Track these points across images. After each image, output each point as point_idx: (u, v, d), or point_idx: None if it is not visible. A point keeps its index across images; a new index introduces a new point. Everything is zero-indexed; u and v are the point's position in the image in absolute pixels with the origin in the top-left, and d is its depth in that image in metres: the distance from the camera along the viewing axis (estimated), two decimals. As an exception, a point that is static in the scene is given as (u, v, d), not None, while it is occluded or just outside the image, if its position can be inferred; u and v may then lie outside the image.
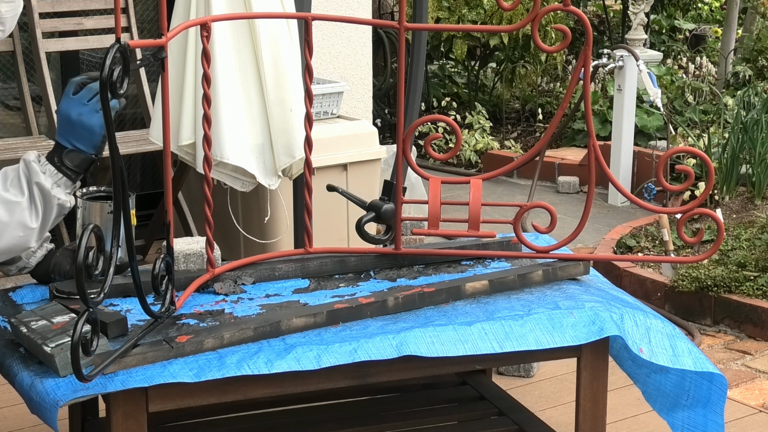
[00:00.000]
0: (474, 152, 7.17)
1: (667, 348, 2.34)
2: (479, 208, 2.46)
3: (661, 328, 2.37)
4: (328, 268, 2.56)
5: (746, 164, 5.55)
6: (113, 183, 1.92)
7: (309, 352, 2.12)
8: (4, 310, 2.38)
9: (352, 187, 4.03)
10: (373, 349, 2.15)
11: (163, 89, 2.16)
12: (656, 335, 2.35)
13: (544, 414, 3.10)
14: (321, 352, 2.13)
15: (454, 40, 7.79)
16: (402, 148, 2.45)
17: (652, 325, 2.36)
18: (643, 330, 2.34)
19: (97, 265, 1.82)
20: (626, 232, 5.23)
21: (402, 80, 2.43)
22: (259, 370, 2.08)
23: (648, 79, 5.96)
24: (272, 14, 3.43)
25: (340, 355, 2.13)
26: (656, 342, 2.34)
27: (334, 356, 2.13)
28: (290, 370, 2.09)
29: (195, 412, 2.63)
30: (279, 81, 3.51)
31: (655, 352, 2.33)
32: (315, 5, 4.07)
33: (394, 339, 2.17)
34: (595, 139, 2.40)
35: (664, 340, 2.35)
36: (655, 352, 2.33)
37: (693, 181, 2.78)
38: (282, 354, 2.11)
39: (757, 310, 4.19)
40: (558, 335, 2.28)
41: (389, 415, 2.76)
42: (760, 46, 8.53)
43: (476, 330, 2.23)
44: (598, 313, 2.33)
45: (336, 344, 2.15)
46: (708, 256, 2.53)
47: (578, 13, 2.38)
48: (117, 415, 2.07)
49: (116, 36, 1.87)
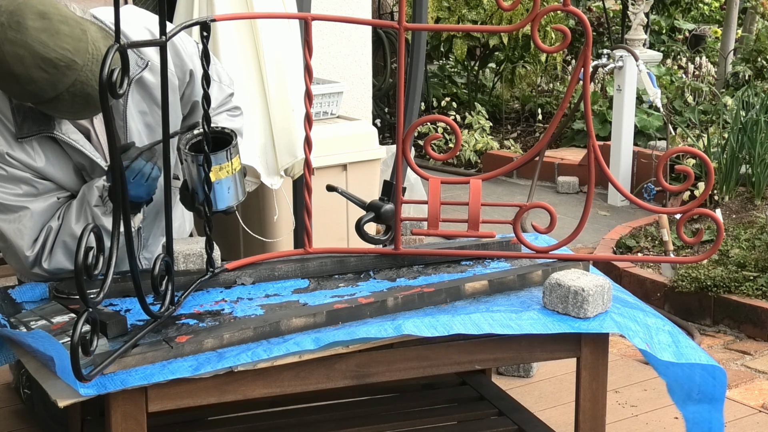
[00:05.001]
0: (474, 152, 7.17)
1: (670, 344, 2.34)
2: (479, 209, 2.46)
3: (662, 325, 2.38)
4: (327, 268, 2.56)
5: (746, 164, 5.55)
6: (113, 183, 1.92)
7: (308, 336, 2.14)
8: (4, 309, 2.38)
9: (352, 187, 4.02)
10: (373, 331, 2.16)
11: (163, 89, 2.16)
12: (657, 332, 2.36)
13: (544, 414, 3.10)
14: (319, 335, 2.15)
15: (454, 40, 7.80)
16: (402, 148, 2.46)
17: (653, 323, 2.37)
18: (643, 327, 2.35)
19: (97, 264, 1.82)
20: (626, 233, 5.23)
21: (402, 80, 2.43)
22: (258, 356, 2.08)
23: (647, 80, 5.96)
24: (272, 14, 3.43)
25: (337, 336, 2.15)
26: (658, 339, 2.35)
27: (332, 336, 2.14)
28: (288, 352, 2.09)
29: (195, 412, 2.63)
30: (280, 81, 3.51)
31: (659, 348, 2.33)
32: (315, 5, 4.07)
33: (393, 323, 2.20)
34: (594, 140, 2.40)
35: (666, 336, 2.35)
36: (659, 348, 2.33)
37: (692, 181, 2.78)
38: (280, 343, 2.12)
39: (757, 311, 4.19)
40: (557, 326, 2.28)
41: (389, 415, 2.76)
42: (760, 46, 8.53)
43: (476, 317, 2.24)
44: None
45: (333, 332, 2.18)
46: (707, 257, 2.54)
47: (578, 14, 2.39)
48: (116, 415, 2.07)
49: (116, 37, 1.87)
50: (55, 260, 2.52)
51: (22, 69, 2.30)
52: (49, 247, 2.52)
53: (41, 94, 2.35)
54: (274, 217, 3.82)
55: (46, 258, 2.53)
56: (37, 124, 2.50)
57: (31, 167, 2.52)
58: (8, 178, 2.50)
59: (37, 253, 2.53)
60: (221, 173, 2.41)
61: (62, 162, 2.57)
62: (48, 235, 2.53)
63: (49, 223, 2.54)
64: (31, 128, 2.50)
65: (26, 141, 2.51)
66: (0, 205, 2.51)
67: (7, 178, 2.50)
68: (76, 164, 2.58)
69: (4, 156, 2.49)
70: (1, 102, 2.50)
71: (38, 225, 2.53)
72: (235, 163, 2.44)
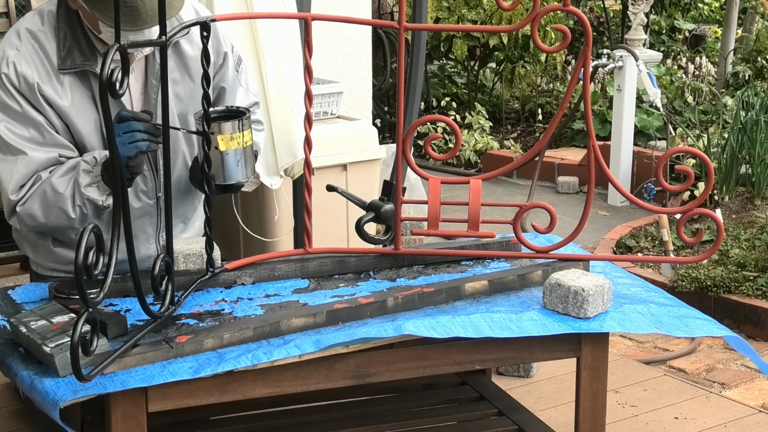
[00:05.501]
0: (474, 152, 7.17)
1: (680, 326, 2.37)
2: (479, 209, 2.46)
3: (666, 312, 2.39)
4: (327, 268, 2.56)
5: (746, 164, 5.55)
6: (113, 183, 1.92)
7: (308, 338, 2.14)
8: (4, 309, 2.38)
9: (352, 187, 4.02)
10: (373, 331, 2.16)
11: (163, 89, 2.16)
12: (665, 318, 2.37)
13: (544, 414, 3.10)
14: (320, 337, 2.15)
15: (454, 40, 7.80)
16: (402, 148, 2.46)
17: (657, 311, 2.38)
18: (648, 318, 2.35)
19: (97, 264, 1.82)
20: (626, 233, 5.23)
21: (402, 80, 2.43)
22: (259, 359, 2.08)
23: (647, 80, 5.96)
24: (272, 14, 3.43)
25: (338, 337, 2.14)
26: (667, 323, 2.37)
27: (332, 338, 2.14)
28: (289, 356, 2.09)
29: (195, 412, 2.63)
30: (280, 81, 3.51)
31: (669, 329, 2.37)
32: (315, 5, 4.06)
33: (393, 324, 2.20)
34: (594, 140, 2.40)
35: (674, 321, 2.37)
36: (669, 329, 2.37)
37: (692, 181, 2.78)
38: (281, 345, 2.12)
39: (757, 310, 4.19)
40: (558, 326, 2.28)
41: (389, 415, 2.77)
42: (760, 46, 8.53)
43: (476, 318, 2.24)
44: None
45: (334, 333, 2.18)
46: (707, 257, 2.54)
47: (578, 13, 2.39)
48: (116, 416, 2.07)
49: (116, 36, 1.87)
50: (29, 205, 2.55)
51: None
52: (29, 194, 2.55)
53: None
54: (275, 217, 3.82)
55: (22, 203, 2.55)
56: (81, 59, 2.54)
57: (56, 105, 2.54)
58: (21, 115, 2.53)
59: (19, 199, 2.55)
60: (231, 143, 2.41)
61: (86, 109, 2.58)
62: (34, 183, 2.54)
63: (40, 173, 2.55)
64: (75, 62, 2.54)
65: (60, 77, 2.54)
66: (2, 142, 2.53)
67: (20, 115, 2.53)
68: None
69: (33, 88, 2.52)
70: (44, 38, 2.54)
71: (30, 173, 2.54)
72: (246, 137, 2.45)
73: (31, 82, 2.52)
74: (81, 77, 2.57)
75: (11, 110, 2.53)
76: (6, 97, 2.53)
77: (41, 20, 2.56)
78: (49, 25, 2.55)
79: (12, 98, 2.52)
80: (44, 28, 2.55)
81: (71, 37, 2.53)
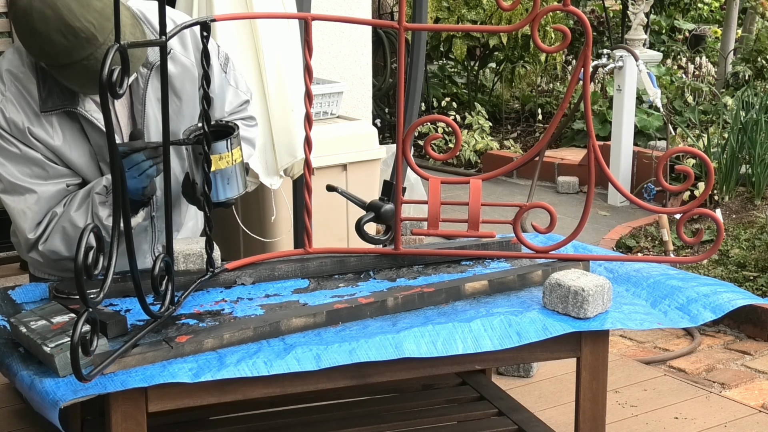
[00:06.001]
0: (474, 152, 7.18)
1: (683, 317, 2.39)
2: (479, 209, 2.46)
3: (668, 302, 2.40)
4: (327, 268, 2.56)
5: (746, 164, 5.55)
6: (113, 183, 1.92)
7: (308, 352, 2.12)
8: (4, 309, 2.38)
9: (352, 187, 4.02)
10: (373, 350, 2.15)
11: (163, 88, 2.16)
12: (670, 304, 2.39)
13: (544, 414, 3.10)
14: (320, 352, 2.13)
15: (454, 40, 7.80)
16: (402, 148, 2.46)
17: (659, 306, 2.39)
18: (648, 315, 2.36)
19: (96, 265, 1.82)
20: (626, 232, 5.23)
21: (402, 80, 2.43)
22: (259, 371, 2.08)
23: (647, 80, 5.97)
24: (272, 14, 3.43)
25: (339, 356, 2.13)
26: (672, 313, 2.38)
27: (333, 357, 2.13)
28: (290, 371, 2.09)
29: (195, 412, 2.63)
30: (280, 81, 3.51)
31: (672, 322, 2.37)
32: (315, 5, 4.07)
33: (394, 339, 2.18)
34: (594, 140, 2.40)
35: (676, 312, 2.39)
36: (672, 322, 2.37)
37: (692, 181, 2.78)
38: (281, 354, 2.11)
39: (757, 311, 4.19)
40: (558, 326, 2.28)
41: (389, 415, 2.76)
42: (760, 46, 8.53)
43: (476, 326, 2.24)
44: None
45: (335, 344, 2.15)
46: (707, 257, 2.53)
47: (578, 13, 2.38)
48: (116, 416, 2.07)
49: (115, 36, 1.87)
50: (50, 242, 2.56)
51: (44, 28, 2.32)
52: (49, 231, 2.55)
53: (55, 58, 2.37)
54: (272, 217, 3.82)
55: (44, 241, 2.56)
56: (62, 99, 2.53)
57: (48, 145, 2.54)
58: (20, 157, 2.53)
59: (38, 237, 2.56)
60: (221, 163, 2.42)
61: (79, 143, 2.58)
62: (51, 220, 2.55)
63: (54, 208, 2.56)
64: (55, 103, 2.52)
65: (47, 117, 2.53)
66: (9, 183, 2.54)
67: (19, 157, 2.53)
68: (94, 146, 2.59)
69: (24, 132, 2.52)
70: (26, 78, 2.53)
71: (43, 209, 2.55)
72: (236, 155, 2.45)
73: (21, 128, 2.51)
74: (68, 113, 2.56)
75: (9, 153, 2.53)
76: (2, 141, 2.53)
77: (20, 60, 2.54)
78: (29, 65, 2.53)
79: (7, 142, 2.52)
80: (24, 69, 2.53)
81: (51, 77, 2.51)
